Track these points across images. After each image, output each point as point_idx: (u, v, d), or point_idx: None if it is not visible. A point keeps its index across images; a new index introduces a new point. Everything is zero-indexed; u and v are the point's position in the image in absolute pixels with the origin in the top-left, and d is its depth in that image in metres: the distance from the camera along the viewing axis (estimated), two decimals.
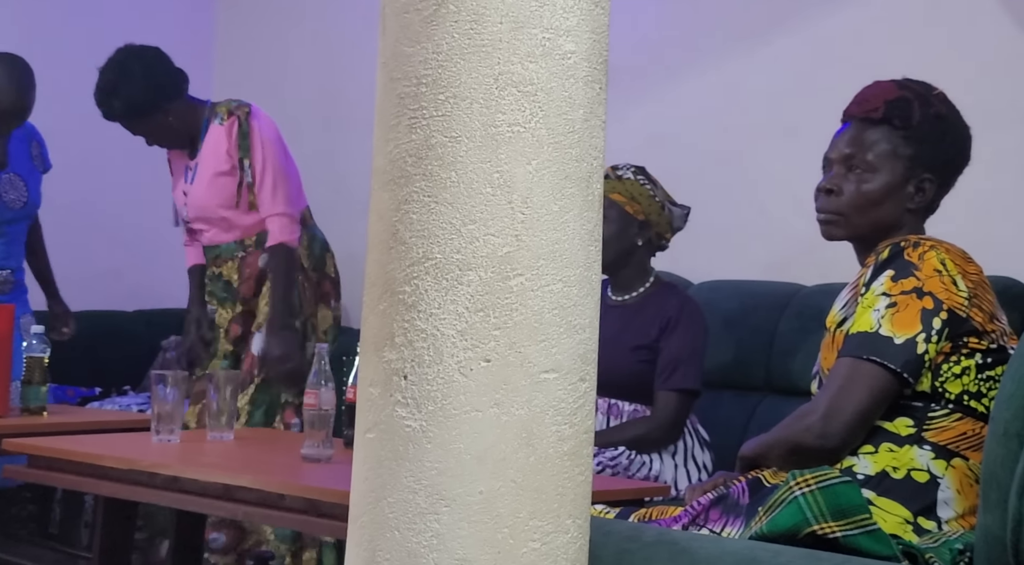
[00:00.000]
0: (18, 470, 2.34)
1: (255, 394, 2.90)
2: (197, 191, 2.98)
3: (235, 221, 2.97)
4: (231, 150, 2.92)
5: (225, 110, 2.96)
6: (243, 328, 2.97)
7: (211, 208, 2.97)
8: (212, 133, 2.97)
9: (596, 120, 1.16)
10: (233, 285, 2.98)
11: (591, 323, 1.17)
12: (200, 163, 2.98)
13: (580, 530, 1.18)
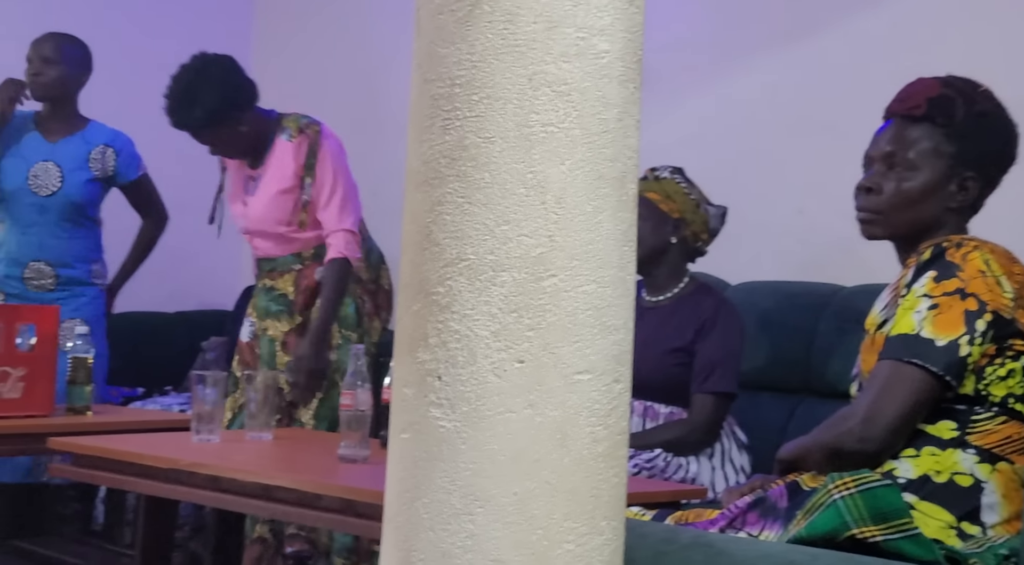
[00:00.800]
0: (63, 468, 2.37)
1: (319, 408, 2.91)
2: (258, 205, 2.97)
3: (292, 237, 2.98)
4: (298, 169, 2.92)
5: (295, 127, 2.95)
6: (300, 340, 2.97)
7: (270, 223, 2.96)
8: (279, 148, 2.95)
9: (630, 120, 1.16)
10: (289, 297, 2.98)
11: (625, 324, 1.16)
12: (263, 176, 2.97)
13: (615, 532, 1.18)
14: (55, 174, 3.26)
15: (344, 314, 2.95)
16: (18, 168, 3.23)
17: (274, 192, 2.95)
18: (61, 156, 3.27)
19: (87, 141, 3.33)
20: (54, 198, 3.25)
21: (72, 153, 3.29)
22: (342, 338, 2.94)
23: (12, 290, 3.22)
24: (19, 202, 3.22)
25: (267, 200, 2.96)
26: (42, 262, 3.25)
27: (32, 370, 2.69)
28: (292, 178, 2.93)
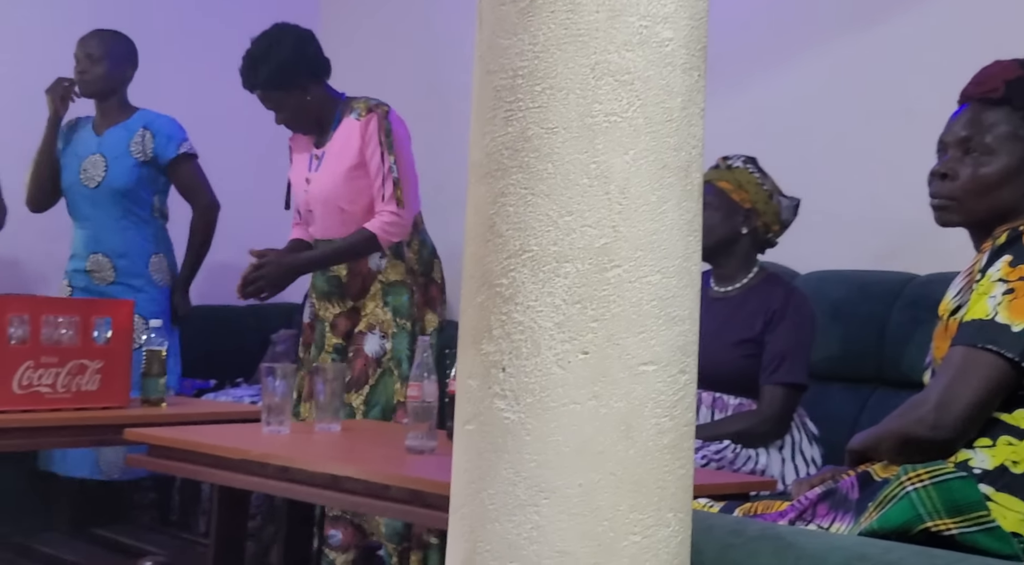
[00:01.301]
0: (139, 459, 2.43)
1: (370, 394, 2.94)
2: (322, 181, 3.01)
3: (353, 215, 3.00)
4: (370, 146, 2.95)
5: (364, 107, 2.99)
6: (350, 324, 3.00)
7: (333, 200, 3.00)
8: (346, 127, 2.99)
9: (695, 108, 1.14)
10: (342, 281, 3.02)
11: (691, 315, 1.15)
12: (328, 154, 3.01)
13: (681, 524, 1.17)
14: (100, 165, 3.33)
15: (398, 304, 2.98)
16: (71, 165, 3.33)
17: (340, 169, 2.98)
18: (106, 146, 3.35)
19: (129, 129, 3.40)
20: (101, 188, 3.33)
21: (115, 142, 3.36)
22: (396, 327, 2.96)
23: (79, 283, 3.30)
24: (75, 196, 3.32)
25: (330, 177, 2.99)
26: (100, 254, 3.32)
27: (108, 363, 2.76)
28: (358, 156, 2.96)
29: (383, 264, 2.99)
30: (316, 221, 3.07)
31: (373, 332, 2.95)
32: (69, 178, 3.31)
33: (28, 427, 2.60)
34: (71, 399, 2.69)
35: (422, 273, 3.05)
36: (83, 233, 3.33)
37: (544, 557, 1.10)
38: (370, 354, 2.94)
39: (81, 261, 3.32)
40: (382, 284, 2.98)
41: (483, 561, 1.13)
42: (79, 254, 3.33)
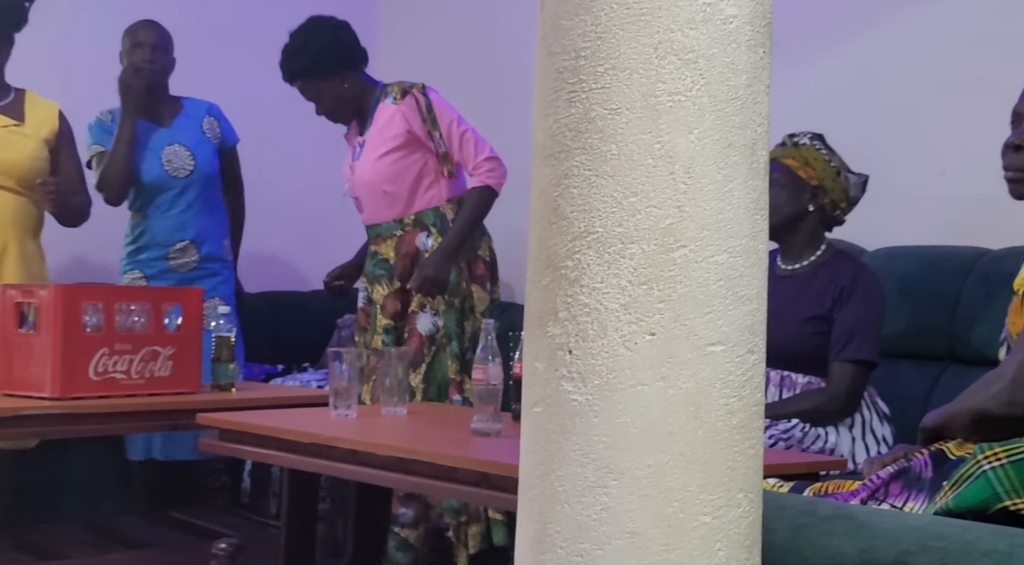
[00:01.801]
0: (211, 443, 2.47)
1: (427, 372, 2.97)
2: (363, 167, 3.06)
3: (398, 197, 3.03)
4: (418, 128, 2.98)
5: (398, 89, 3.02)
6: (399, 305, 3.03)
7: (375, 184, 3.04)
8: (382, 112, 3.04)
9: (760, 85, 1.13)
10: (390, 263, 3.05)
11: (758, 294, 1.14)
12: (368, 141, 3.06)
13: (752, 504, 1.16)
14: (184, 154, 3.38)
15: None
16: (150, 159, 3.35)
17: (378, 154, 3.02)
18: (181, 136, 3.39)
19: (192, 116, 3.44)
20: (192, 177, 3.38)
21: (188, 130, 3.41)
22: (445, 305, 2.98)
23: (154, 272, 3.35)
24: (158, 188, 3.35)
25: (372, 162, 3.04)
26: (185, 242, 3.38)
27: (179, 349, 2.81)
28: (399, 138, 2.98)
29: (430, 243, 3.01)
30: (364, 207, 3.12)
31: (424, 311, 2.98)
32: (151, 171, 3.33)
33: (104, 413, 2.66)
34: (144, 385, 2.75)
35: (471, 250, 3.07)
36: (165, 223, 3.36)
37: (614, 538, 1.10)
38: (423, 333, 2.97)
39: (161, 249, 3.36)
40: None
41: (553, 542, 1.14)
42: (158, 243, 3.36)
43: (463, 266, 3.04)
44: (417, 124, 2.99)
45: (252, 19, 4.19)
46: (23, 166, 3.01)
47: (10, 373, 2.68)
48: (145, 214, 3.38)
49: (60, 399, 2.59)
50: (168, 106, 3.42)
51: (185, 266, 3.37)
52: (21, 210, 3.02)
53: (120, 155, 3.27)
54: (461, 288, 3.01)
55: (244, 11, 4.23)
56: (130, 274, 3.37)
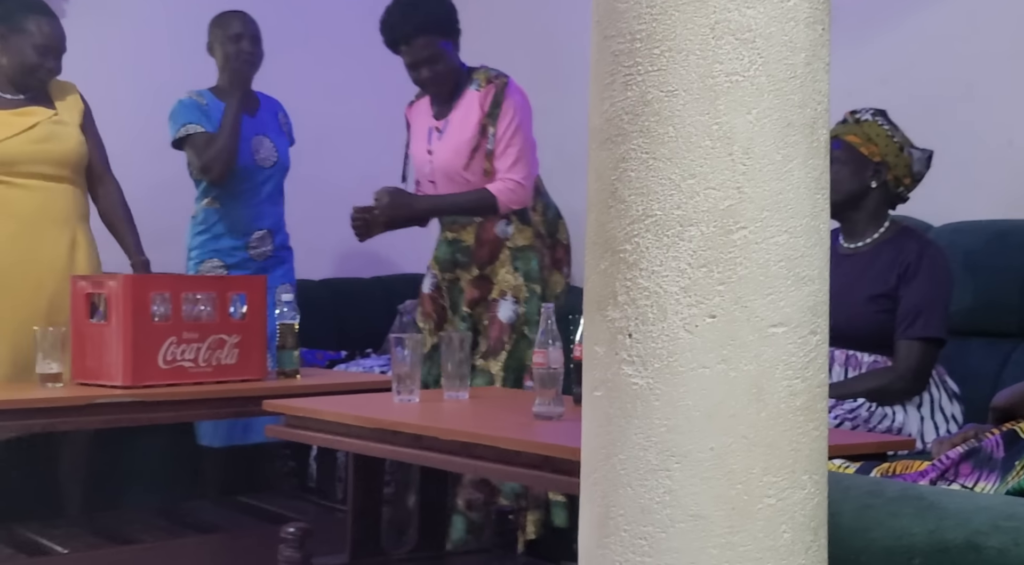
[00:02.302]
0: (277, 429, 2.50)
1: (507, 360, 2.97)
2: (445, 152, 3.03)
3: (476, 186, 3.02)
4: (482, 117, 2.98)
5: (484, 77, 3.01)
6: (478, 292, 3.03)
7: (456, 172, 3.02)
8: (468, 98, 3.01)
9: (819, 63, 1.11)
10: (471, 249, 3.04)
11: (820, 274, 1.13)
12: (451, 124, 3.02)
13: (817, 486, 1.16)
14: (269, 145, 3.43)
15: (528, 269, 2.99)
16: (242, 147, 3.37)
17: (460, 140, 3.00)
18: (264, 127, 3.44)
19: (271, 110, 3.49)
20: (275, 168, 3.44)
21: (269, 122, 3.45)
22: (528, 291, 2.98)
23: (234, 260, 3.39)
24: (247, 178, 3.38)
25: (453, 149, 3.01)
26: (264, 230, 3.43)
27: (245, 337, 2.86)
28: (476, 126, 2.98)
29: (510, 230, 3.00)
30: (439, 191, 3.10)
31: (505, 298, 2.98)
32: (244, 158, 3.36)
33: (173, 400, 2.72)
34: (212, 372, 2.80)
35: (548, 235, 3.06)
36: (247, 211, 3.40)
37: (677, 521, 1.10)
38: (504, 320, 2.97)
39: (242, 238, 3.39)
40: (510, 250, 2.99)
41: (616, 525, 1.14)
42: (238, 231, 3.39)
43: (545, 252, 3.03)
44: (483, 115, 2.98)
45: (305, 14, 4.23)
46: (75, 155, 3.04)
47: (83, 363, 2.75)
48: (223, 202, 3.40)
49: (131, 387, 2.65)
50: (249, 97, 3.46)
51: (262, 255, 3.42)
52: (80, 200, 3.07)
53: (231, 139, 3.27)
54: (544, 275, 3.00)
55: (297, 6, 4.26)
56: (209, 262, 3.38)
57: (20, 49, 2.98)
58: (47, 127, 3.02)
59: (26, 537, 2.81)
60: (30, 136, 2.98)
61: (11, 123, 2.97)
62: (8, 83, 3.01)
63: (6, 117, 2.98)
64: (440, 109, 3.08)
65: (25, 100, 3.02)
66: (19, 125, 2.98)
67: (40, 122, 3.01)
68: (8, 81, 3.01)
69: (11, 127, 2.97)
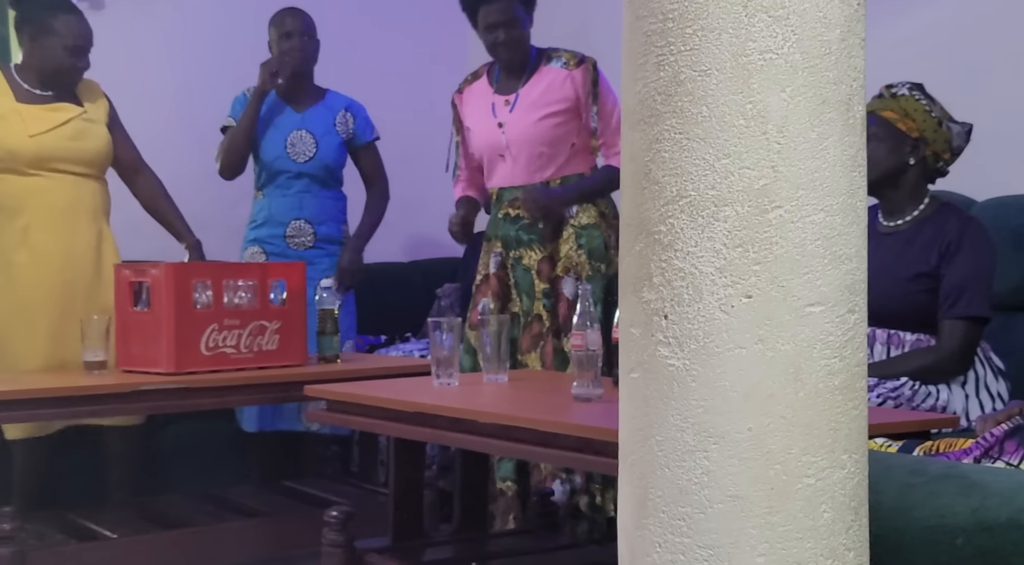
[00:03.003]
0: (318, 414, 2.53)
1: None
2: (523, 124, 3.03)
3: (553, 159, 3.02)
4: (579, 96, 2.98)
5: (570, 57, 3.03)
6: (551, 268, 3.03)
7: (533, 145, 3.02)
8: (547, 73, 3.03)
9: (855, 39, 1.10)
10: (538, 226, 3.03)
11: (858, 252, 1.12)
12: (527, 98, 3.03)
13: (857, 465, 1.15)
14: (309, 141, 3.46)
15: (592, 246, 2.99)
16: (275, 139, 3.44)
17: (542, 115, 3.00)
18: (312, 124, 3.47)
19: (330, 108, 3.52)
20: (311, 163, 3.47)
21: (320, 120, 3.49)
22: (591, 270, 2.98)
23: (274, 249, 3.44)
24: (279, 169, 3.44)
25: (533, 122, 3.01)
26: (302, 220, 3.46)
27: (285, 323, 2.88)
28: (567, 102, 2.99)
29: (575, 209, 3.01)
30: (507, 166, 3.08)
31: (569, 275, 2.98)
32: (273, 151, 3.43)
33: (216, 387, 2.75)
34: (253, 358, 2.83)
35: (613, 216, 3.06)
36: (284, 201, 3.45)
37: (716, 501, 1.10)
38: (570, 297, 2.98)
39: (280, 227, 3.44)
40: (575, 228, 3.00)
41: (655, 506, 1.14)
42: (276, 220, 3.44)
43: (611, 235, 3.03)
44: (583, 94, 2.99)
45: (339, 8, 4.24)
46: (103, 154, 3.08)
47: (127, 350, 2.79)
48: (264, 193, 3.47)
49: (175, 374, 2.69)
50: (308, 93, 3.50)
51: (301, 245, 3.46)
52: (104, 196, 3.11)
53: (239, 135, 3.37)
54: (610, 254, 3.00)
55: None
56: (251, 249, 3.46)
57: (51, 51, 3.00)
58: (78, 124, 3.05)
59: (76, 522, 2.86)
60: (63, 132, 3.01)
61: (44, 118, 3.00)
62: (37, 80, 3.04)
63: (38, 112, 3.00)
64: (506, 83, 3.09)
65: (53, 96, 3.05)
66: (52, 120, 3.01)
67: (72, 119, 3.04)
68: (37, 78, 3.04)
69: (44, 122, 3.00)
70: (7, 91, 3.01)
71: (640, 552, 1.16)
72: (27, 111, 2.99)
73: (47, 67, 3.02)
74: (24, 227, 2.96)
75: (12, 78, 3.03)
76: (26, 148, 2.96)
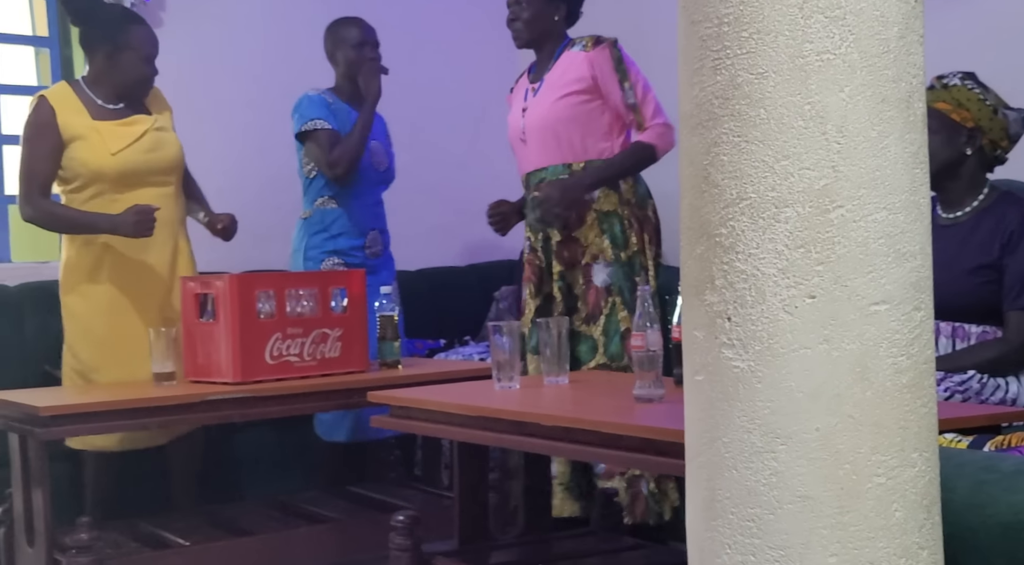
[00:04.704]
0: (383, 420, 2.55)
1: (606, 324, 2.97)
2: (538, 108, 3.06)
3: (569, 140, 3.03)
4: (605, 77, 2.99)
5: (589, 40, 3.05)
6: (570, 254, 3.04)
7: (548, 125, 3.03)
8: (568, 58, 3.05)
9: (913, 35, 1.10)
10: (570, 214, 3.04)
11: (922, 249, 1.11)
12: (546, 82, 3.06)
13: (928, 463, 1.14)
14: (381, 151, 3.49)
15: (613, 233, 2.99)
16: None
17: (557, 96, 3.02)
18: (378, 134, 3.50)
19: (379, 118, 3.52)
20: (388, 171, 3.50)
21: (380, 130, 3.52)
22: (613, 256, 2.98)
23: (354, 260, 3.42)
24: (364, 179, 3.44)
25: (549, 103, 3.03)
26: (377, 230, 3.49)
27: (347, 330, 2.92)
28: (583, 82, 2.99)
29: (596, 194, 3.01)
30: (528, 150, 3.10)
31: (598, 262, 2.99)
32: (364, 160, 3.44)
33: (281, 395, 2.80)
34: (316, 366, 2.87)
35: (637, 206, 3.05)
36: (364, 211, 3.46)
37: (785, 502, 1.10)
38: (599, 284, 2.98)
39: (360, 238, 3.44)
40: (597, 213, 3.01)
41: (723, 508, 1.14)
42: (356, 231, 3.44)
43: (633, 222, 3.02)
44: (606, 72, 2.99)
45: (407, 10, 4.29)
46: (178, 161, 3.09)
47: (194, 361, 2.84)
48: (341, 201, 3.44)
49: (240, 383, 2.74)
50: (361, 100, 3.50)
51: (375, 254, 3.48)
52: (180, 204, 3.13)
53: (361, 142, 3.34)
54: (631, 242, 3.00)
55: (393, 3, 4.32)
56: (329, 261, 3.41)
57: (131, 64, 3.03)
58: (153, 135, 3.08)
59: (148, 531, 2.92)
60: (141, 146, 3.04)
61: (121, 133, 3.02)
62: (109, 94, 3.06)
63: (114, 128, 3.03)
64: (538, 72, 3.13)
65: (124, 109, 3.08)
66: (129, 135, 3.03)
67: (147, 131, 3.07)
68: (110, 92, 3.07)
69: (123, 138, 3.02)
70: (81, 109, 3.02)
71: (710, 553, 1.16)
72: (104, 128, 3.01)
73: (127, 80, 3.05)
74: (103, 245, 2.99)
75: (84, 94, 3.04)
76: (110, 166, 2.98)
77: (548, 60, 3.10)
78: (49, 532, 2.56)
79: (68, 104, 3.01)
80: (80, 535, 2.50)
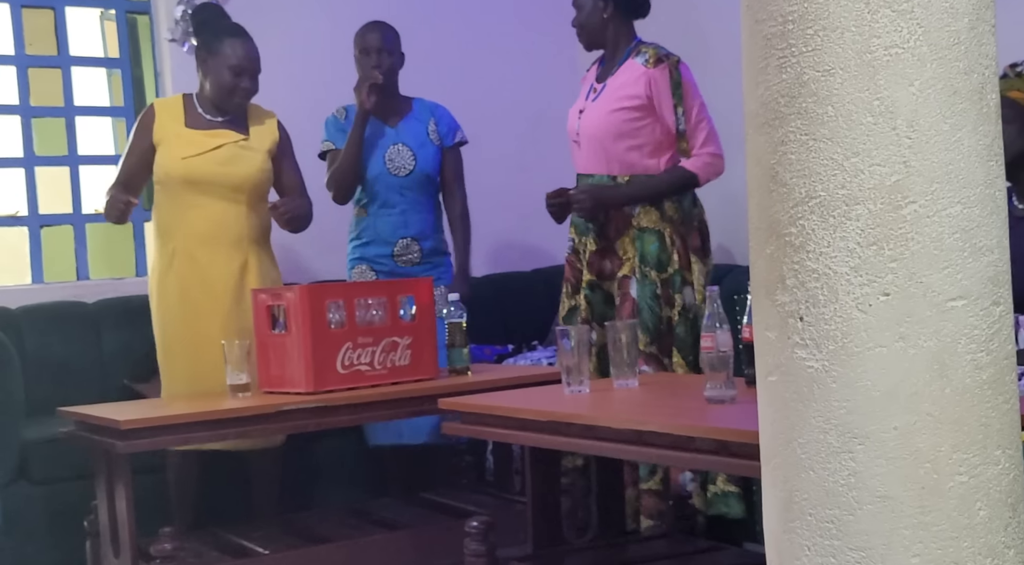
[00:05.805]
0: (454, 427, 2.56)
1: None
2: (594, 114, 3.07)
3: (615, 154, 3.03)
4: (661, 98, 2.98)
5: (653, 54, 3.03)
6: (602, 263, 3.04)
7: (598, 136, 3.03)
8: (629, 67, 3.04)
9: (984, 26, 1.08)
10: (601, 220, 3.05)
11: (999, 243, 1.10)
12: (607, 89, 3.06)
13: (1012, 461, 1.12)
14: (407, 154, 3.50)
15: (646, 251, 2.98)
16: (375, 157, 3.48)
17: (612, 109, 3.01)
18: (407, 137, 3.51)
19: (419, 119, 3.54)
20: (411, 177, 3.50)
21: (414, 131, 3.52)
22: (640, 274, 2.97)
23: (383, 268, 3.48)
24: (382, 186, 3.49)
25: (604, 114, 3.03)
26: (408, 238, 3.51)
27: (416, 338, 2.94)
28: (638, 100, 2.98)
29: (636, 209, 3.00)
30: (580, 154, 3.11)
31: (634, 275, 2.99)
32: (374, 169, 3.47)
33: (353, 404, 2.82)
34: (387, 374, 2.89)
35: (681, 222, 3.02)
36: (389, 220, 3.49)
37: (864, 502, 1.09)
38: (635, 297, 2.98)
39: (388, 246, 3.49)
40: (635, 228, 3.00)
41: (801, 509, 1.14)
42: (383, 239, 3.49)
43: (676, 239, 3.00)
44: (662, 94, 2.98)
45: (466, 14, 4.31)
46: (253, 180, 3.17)
47: (267, 372, 2.89)
48: (369, 211, 3.52)
49: (313, 393, 2.78)
50: (397, 106, 3.53)
51: (409, 262, 3.49)
52: (254, 222, 3.18)
53: (348, 158, 3.42)
54: (663, 259, 2.98)
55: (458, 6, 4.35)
56: (358, 268, 3.50)
57: (218, 71, 3.14)
58: (231, 150, 3.16)
59: (229, 540, 2.97)
60: (214, 157, 3.13)
61: (199, 143, 3.13)
62: (211, 105, 3.18)
63: (196, 136, 3.14)
64: (605, 70, 3.12)
65: (222, 123, 3.18)
66: (205, 145, 3.13)
67: (226, 144, 3.15)
68: (211, 103, 3.18)
69: (197, 146, 3.13)
70: (179, 117, 3.17)
71: (789, 555, 1.15)
72: (188, 135, 3.13)
73: (215, 89, 3.15)
74: (172, 252, 3.11)
75: (190, 104, 3.19)
76: (177, 169, 3.10)
77: (614, 60, 3.09)
78: (133, 542, 2.62)
79: (170, 111, 3.19)
80: (164, 545, 2.56)
